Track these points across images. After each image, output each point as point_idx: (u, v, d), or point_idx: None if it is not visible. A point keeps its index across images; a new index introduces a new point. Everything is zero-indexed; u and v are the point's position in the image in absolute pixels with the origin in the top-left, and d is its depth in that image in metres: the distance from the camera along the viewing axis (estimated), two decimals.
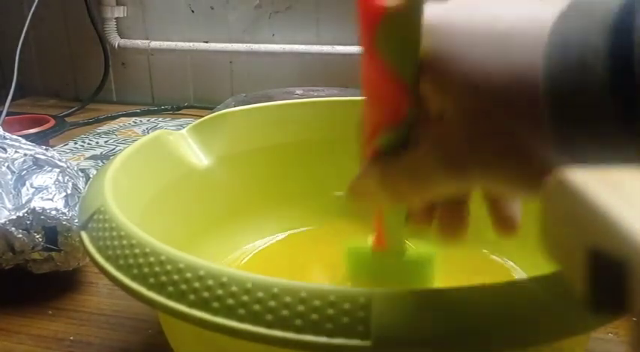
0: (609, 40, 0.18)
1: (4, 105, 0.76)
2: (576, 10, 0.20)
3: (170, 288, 0.23)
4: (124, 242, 0.25)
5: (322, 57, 0.89)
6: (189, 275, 0.22)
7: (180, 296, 0.22)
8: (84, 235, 0.28)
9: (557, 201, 0.17)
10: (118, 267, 0.25)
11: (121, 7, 0.96)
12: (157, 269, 0.23)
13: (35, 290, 0.43)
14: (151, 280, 0.23)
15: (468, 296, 0.21)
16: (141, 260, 0.24)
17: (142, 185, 0.36)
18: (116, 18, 0.96)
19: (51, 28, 1.00)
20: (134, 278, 0.24)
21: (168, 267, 0.23)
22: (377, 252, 0.32)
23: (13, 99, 0.78)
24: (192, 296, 0.22)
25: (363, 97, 0.24)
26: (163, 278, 0.23)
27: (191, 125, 0.42)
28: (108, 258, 0.25)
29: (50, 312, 0.41)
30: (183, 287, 0.22)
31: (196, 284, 0.22)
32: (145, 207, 0.35)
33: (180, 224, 0.38)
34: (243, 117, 0.45)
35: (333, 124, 0.46)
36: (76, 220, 0.42)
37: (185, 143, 0.41)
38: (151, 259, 0.24)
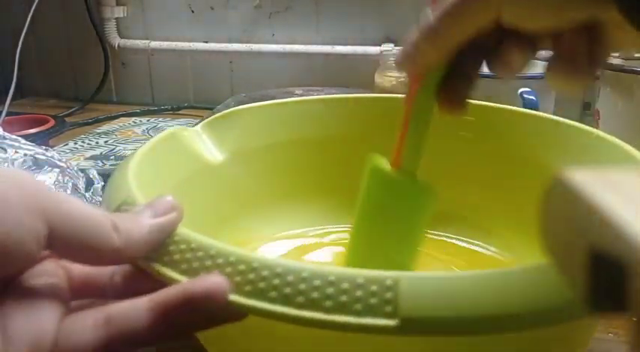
0: None
1: (4, 105, 0.76)
2: None
3: (202, 273, 0.23)
4: None
5: (322, 57, 0.89)
6: (221, 261, 0.23)
7: None
8: None
9: (557, 201, 0.17)
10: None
11: (121, 7, 0.96)
12: (188, 255, 0.24)
13: None
14: (184, 266, 0.24)
15: (489, 281, 0.22)
16: (172, 247, 0.25)
17: (160, 179, 0.37)
18: (116, 18, 0.96)
19: (51, 28, 1.00)
20: (165, 264, 0.25)
21: (200, 254, 0.24)
22: (394, 170, 0.32)
23: (13, 99, 0.78)
24: None
25: None
26: (195, 264, 0.24)
27: (205, 121, 0.43)
28: None
29: None
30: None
31: (228, 269, 0.23)
32: None
33: (196, 217, 0.39)
34: (255, 114, 0.45)
35: (344, 121, 0.46)
36: None
37: (199, 139, 0.42)
38: (182, 246, 0.25)
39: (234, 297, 0.22)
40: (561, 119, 0.41)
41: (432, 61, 0.28)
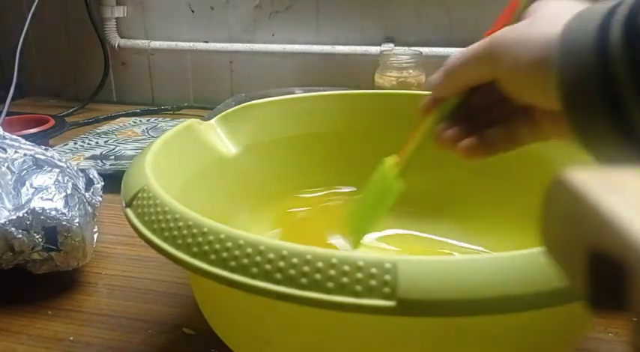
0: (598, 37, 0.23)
1: (4, 105, 0.76)
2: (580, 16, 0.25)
3: (212, 256, 0.25)
4: (168, 216, 0.28)
5: (322, 57, 0.89)
6: (229, 244, 0.24)
7: (222, 263, 0.24)
8: (129, 212, 0.30)
9: (557, 201, 0.17)
10: (164, 239, 0.27)
11: (121, 7, 0.96)
12: (199, 239, 0.25)
13: (35, 290, 0.43)
14: (195, 249, 0.25)
15: (484, 264, 0.23)
16: (185, 231, 0.26)
17: (175, 169, 0.38)
18: (116, 18, 0.96)
19: (51, 28, 1.00)
20: (178, 247, 0.26)
21: (211, 238, 0.25)
22: (392, 164, 0.36)
23: (13, 99, 0.78)
24: (233, 263, 0.24)
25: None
26: (206, 247, 0.25)
27: (220, 115, 0.44)
28: (154, 231, 0.28)
29: (50, 312, 0.41)
30: (225, 254, 0.24)
31: (237, 252, 0.24)
32: (179, 190, 0.36)
33: (209, 207, 0.39)
34: (268, 108, 0.47)
35: (355, 116, 0.48)
36: (76, 220, 0.42)
37: (214, 132, 0.43)
38: (194, 231, 0.26)
39: (242, 278, 0.23)
40: None
41: (442, 95, 0.33)
